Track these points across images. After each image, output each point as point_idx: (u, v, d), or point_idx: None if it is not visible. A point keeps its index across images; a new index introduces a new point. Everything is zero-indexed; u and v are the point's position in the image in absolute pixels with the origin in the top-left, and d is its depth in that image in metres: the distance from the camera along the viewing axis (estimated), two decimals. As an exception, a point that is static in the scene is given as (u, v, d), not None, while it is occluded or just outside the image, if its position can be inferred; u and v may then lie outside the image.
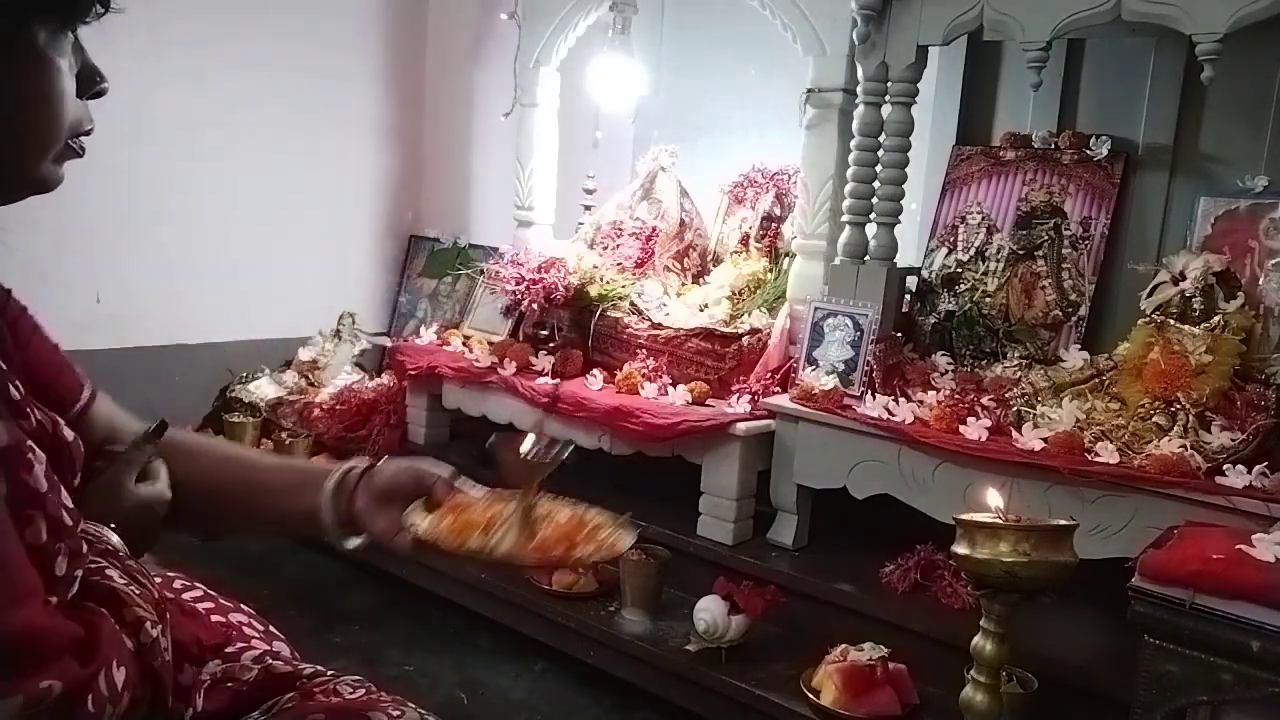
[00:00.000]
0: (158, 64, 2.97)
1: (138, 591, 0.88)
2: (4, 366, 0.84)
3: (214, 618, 1.20)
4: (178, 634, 0.94)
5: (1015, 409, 2.09)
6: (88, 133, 0.85)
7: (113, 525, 0.94)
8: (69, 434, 0.89)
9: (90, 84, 0.84)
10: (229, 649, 1.15)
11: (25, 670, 0.69)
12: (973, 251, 2.51)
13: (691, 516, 2.40)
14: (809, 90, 2.49)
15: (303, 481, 1.07)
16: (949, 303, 2.49)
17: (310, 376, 3.39)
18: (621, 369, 2.61)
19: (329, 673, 1.14)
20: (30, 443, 0.79)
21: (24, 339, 0.98)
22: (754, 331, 2.57)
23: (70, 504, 0.82)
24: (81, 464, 0.91)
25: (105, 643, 0.77)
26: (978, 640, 1.59)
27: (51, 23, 0.77)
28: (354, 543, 1.06)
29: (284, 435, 3.08)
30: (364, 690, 1.10)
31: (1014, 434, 2.02)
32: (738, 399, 2.41)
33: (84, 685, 0.73)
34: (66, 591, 0.80)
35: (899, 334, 2.42)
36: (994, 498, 1.59)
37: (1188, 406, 1.93)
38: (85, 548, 0.84)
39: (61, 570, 0.79)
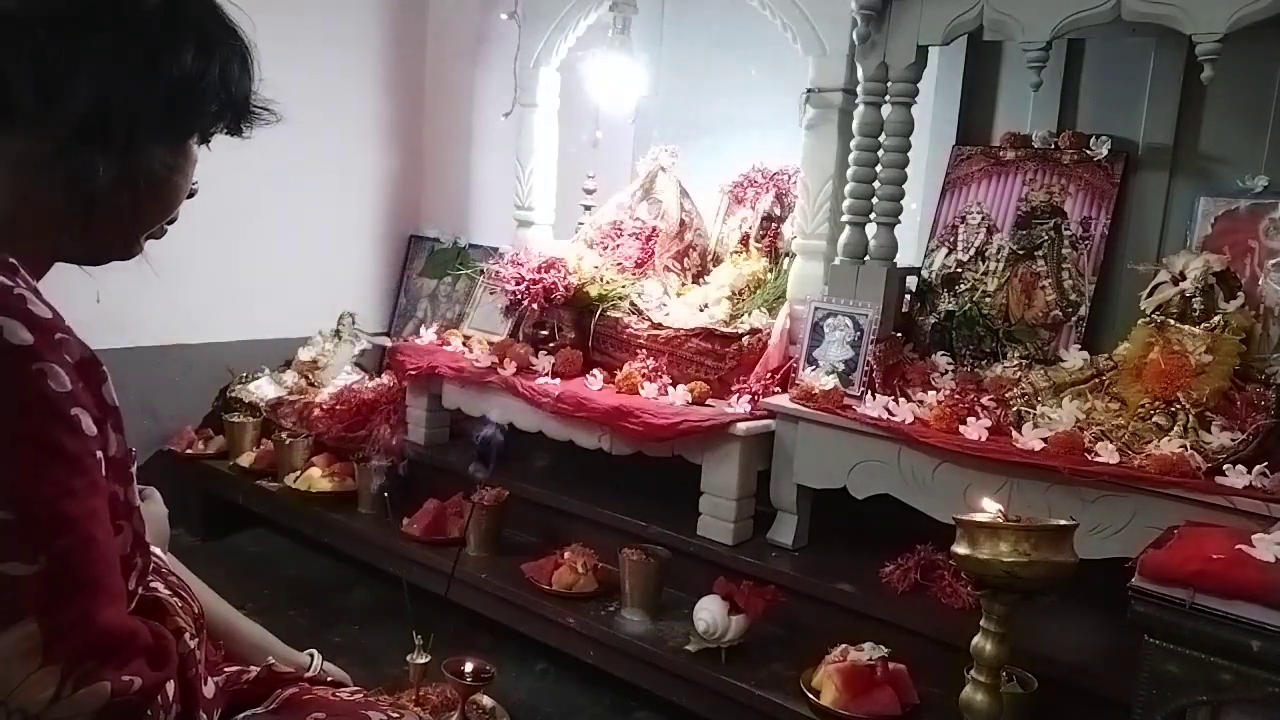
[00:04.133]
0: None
1: (179, 604, 0.90)
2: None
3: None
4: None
5: (1015, 409, 2.09)
6: None
7: None
8: None
9: None
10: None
11: (113, 663, 0.73)
12: (973, 251, 2.51)
13: (691, 516, 2.40)
14: (809, 90, 2.49)
15: None
16: (949, 303, 2.49)
17: (310, 376, 3.39)
18: (621, 369, 2.61)
19: (328, 673, 1.14)
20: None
21: None
22: (754, 331, 2.57)
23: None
24: None
25: (172, 653, 0.80)
26: (978, 640, 1.59)
27: (216, 132, 0.89)
28: None
29: (284, 435, 3.08)
30: (363, 690, 1.11)
31: (1014, 434, 2.02)
32: (738, 399, 2.41)
33: (156, 687, 0.77)
34: (130, 603, 0.82)
35: (899, 334, 2.42)
36: (990, 506, 1.59)
37: (1188, 406, 1.93)
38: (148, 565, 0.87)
39: (132, 585, 0.82)
